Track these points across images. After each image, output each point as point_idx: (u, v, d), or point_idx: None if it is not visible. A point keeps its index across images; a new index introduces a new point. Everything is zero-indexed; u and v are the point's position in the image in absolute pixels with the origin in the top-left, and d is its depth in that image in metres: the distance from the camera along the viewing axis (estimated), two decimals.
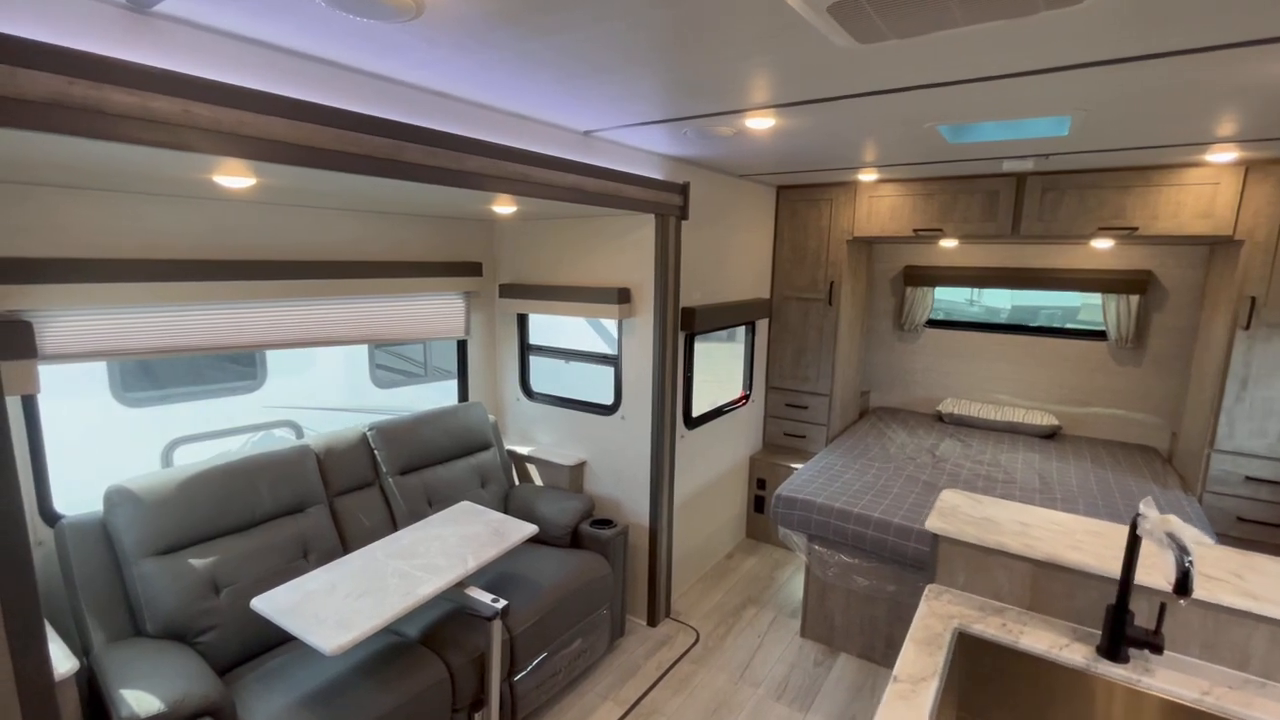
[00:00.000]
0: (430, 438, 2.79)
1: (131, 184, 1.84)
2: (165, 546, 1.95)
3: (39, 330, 1.89)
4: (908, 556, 2.54)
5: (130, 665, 1.71)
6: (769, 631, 3.04)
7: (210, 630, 1.94)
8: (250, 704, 1.79)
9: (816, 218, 3.73)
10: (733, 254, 3.45)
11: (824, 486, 2.94)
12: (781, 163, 2.96)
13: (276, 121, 1.37)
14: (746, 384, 3.89)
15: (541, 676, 2.38)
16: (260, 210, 2.34)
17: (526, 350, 3.37)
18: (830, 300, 3.74)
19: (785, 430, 4.05)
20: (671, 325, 2.88)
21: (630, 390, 2.98)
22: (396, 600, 1.84)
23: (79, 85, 1.08)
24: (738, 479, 3.88)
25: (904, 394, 4.42)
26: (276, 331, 2.46)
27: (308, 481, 2.33)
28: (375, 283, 2.70)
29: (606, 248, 2.95)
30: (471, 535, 2.26)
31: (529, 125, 2.10)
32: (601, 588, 2.64)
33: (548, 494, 2.96)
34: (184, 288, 2.12)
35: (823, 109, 1.93)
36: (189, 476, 2.05)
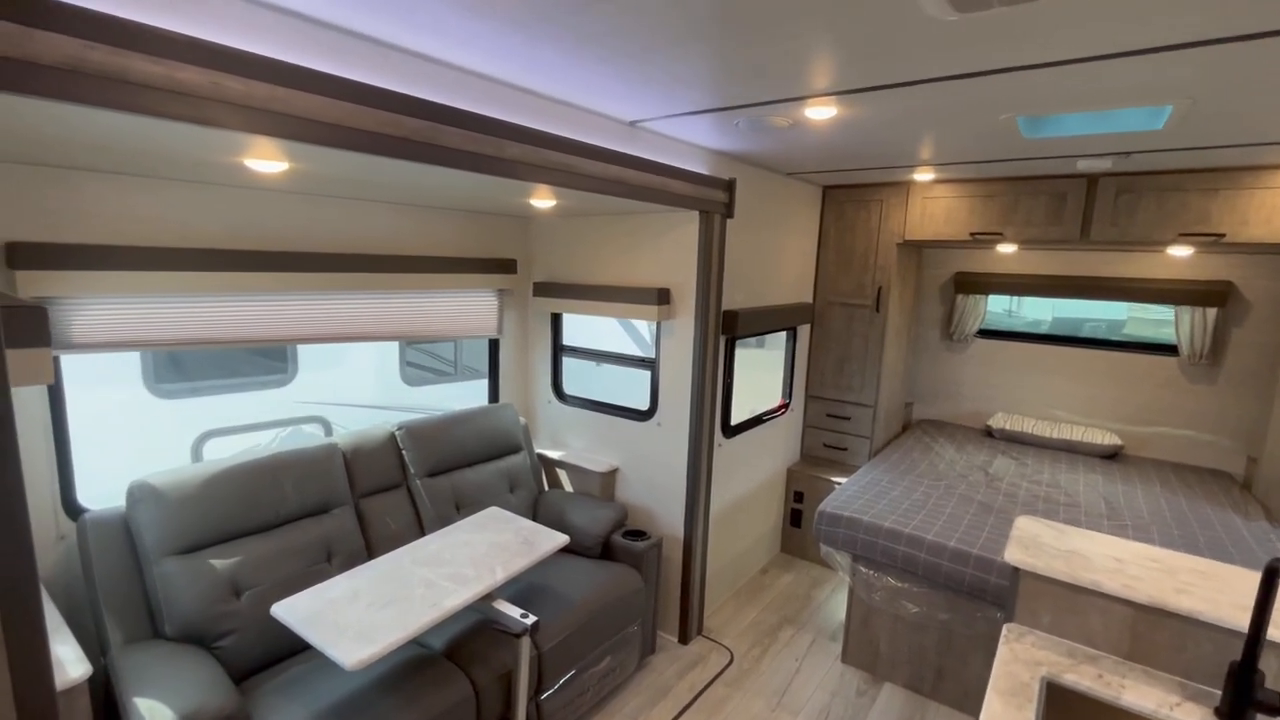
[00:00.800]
0: (460, 439, 2.69)
1: (162, 169, 1.78)
2: (187, 545, 1.87)
3: (67, 318, 1.84)
4: (964, 584, 2.35)
5: (146, 670, 1.64)
6: (808, 655, 2.87)
7: (230, 634, 1.86)
8: (267, 715, 1.69)
9: (865, 219, 3.56)
10: (776, 256, 3.30)
11: (871, 504, 2.77)
12: (832, 160, 2.80)
13: (311, 98, 1.27)
14: (786, 392, 3.73)
15: (569, 695, 2.26)
16: (293, 200, 2.27)
17: (560, 351, 3.26)
18: (877, 306, 3.55)
19: (825, 441, 3.87)
20: (713, 329, 2.74)
21: (667, 395, 2.85)
22: (421, 612, 1.74)
23: (99, 50, 1.00)
24: (774, 491, 3.72)
25: (951, 407, 4.20)
26: (307, 325, 2.40)
27: (334, 481, 2.25)
28: (408, 277, 2.62)
29: (646, 246, 2.82)
30: (501, 543, 2.15)
31: (574, 113, 1.99)
32: (633, 603, 2.51)
33: (579, 501, 2.84)
34: (215, 278, 2.06)
35: (893, 96, 1.78)
36: (213, 473, 1.98)
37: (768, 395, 3.69)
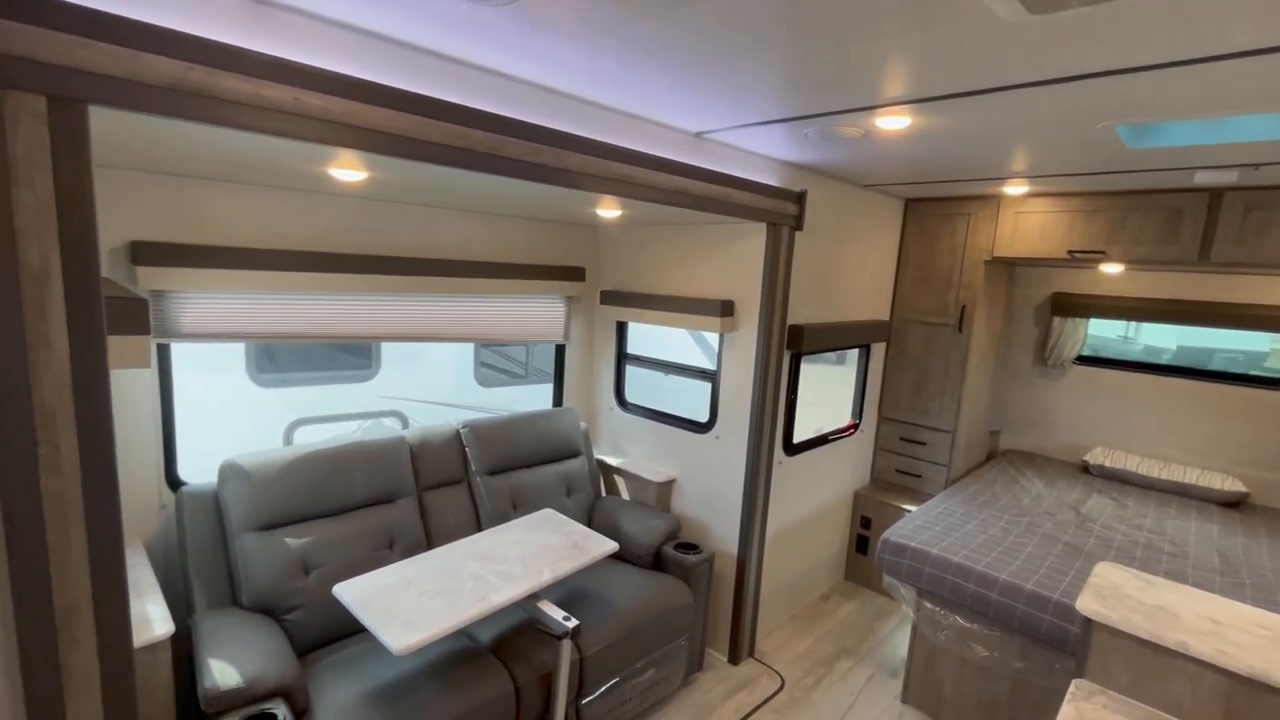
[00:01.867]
0: (521, 440, 2.77)
1: (259, 177, 1.95)
2: (265, 523, 2.03)
3: (178, 311, 2.05)
4: (1041, 631, 2.16)
5: (222, 634, 1.78)
6: (864, 690, 2.72)
7: (297, 610, 2.00)
8: (322, 690, 1.80)
9: (950, 234, 3.36)
10: (850, 270, 3.18)
11: (941, 536, 2.59)
12: (913, 171, 2.68)
13: (381, 112, 1.36)
14: (856, 412, 3.57)
15: (611, 703, 2.25)
16: (376, 207, 2.42)
17: (623, 359, 3.29)
18: (960, 326, 3.35)
19: (897, 466, 3.68)
20: (776, 343, 2.67)
21: (727, 408, 2.80)
22: (468, 606, 1.79)
23: (197, 71, 1.11)
24: (839, 515, 3.57)
25: (1042, 438, 3.87)
26: (387, 324, 2.54)
27: (400, 473, 2.37)
28: (480, 282, 2.73)
29: (712, 257, 2.80)
30: (551, 546, 2.19)
31: (637, 125, 2.01)
32: (681, 617, 2.48)
33: (633, 510, 2.85)
34: (306, 278, 2.23)
35: (970, 105, 1.67)
36: (293, 458, 2.14)
37: (836, 414, 3.55)
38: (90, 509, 1.09)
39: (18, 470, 1.02)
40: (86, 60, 1.01)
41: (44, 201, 0.99)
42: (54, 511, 1.06)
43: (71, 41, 0.99)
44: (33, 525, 1.04)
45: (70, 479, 1.07)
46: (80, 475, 1.08)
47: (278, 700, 1.62)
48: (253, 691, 1.60)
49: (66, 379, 1.04)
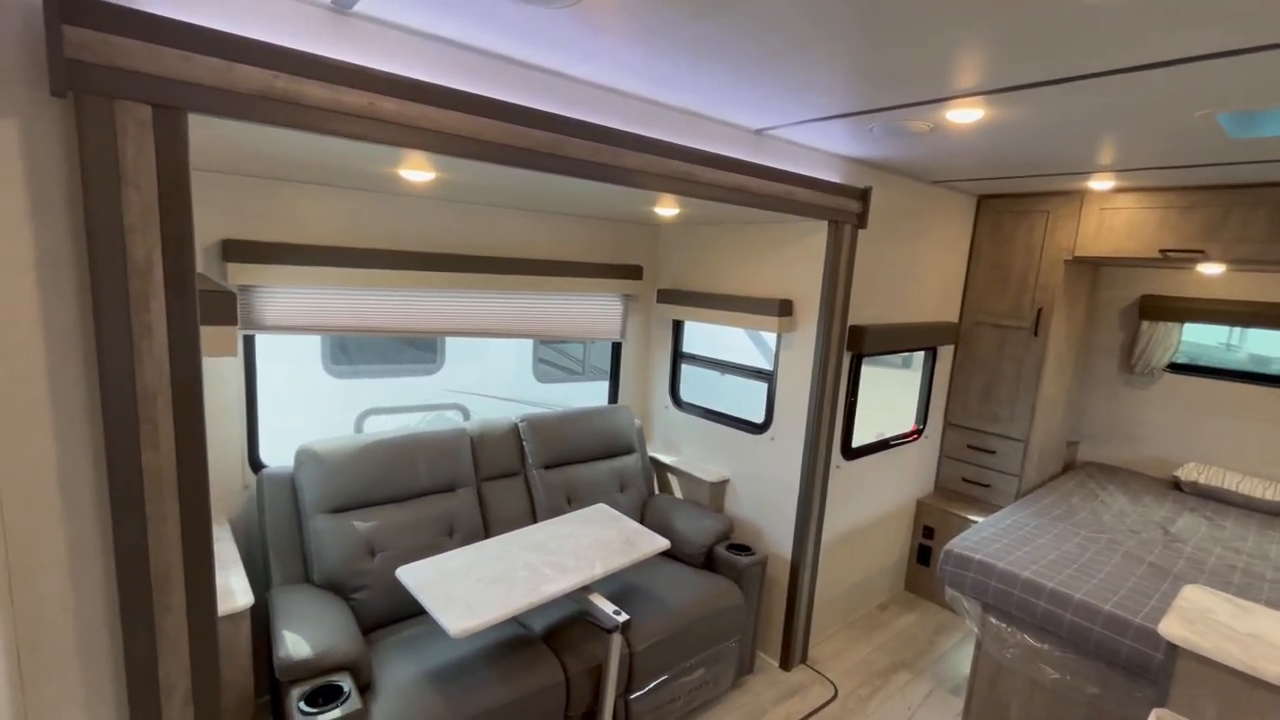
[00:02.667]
0: (576, 436, 2.81)
1: (336, 179, 2.06)
2: (336, 506, 2.15)
3: (262, 304, 2.19)
4: (1120, 656, 2.02)
5: (295, 608, 1.90)
6: (923, 705, 2.62)
7: (363, 590, 2.10)
8: (384, 667, 1.89)
9: (1026, 232, 3.19)
10: (916, 270, 3.07)
11: (1009, 549, 2.47)
12: (986, 166, 2.55)
13: (450, 114, 1.41)
14: (920, 417, 3.44)
15: (659, 700, 2.26)
16: (442, 207, 2.51)
17: (679, 358, 3.29)
18: (1036, 330, 3.17)
19: (964, 475, 3.52)
20: (836, 344, 2.61)
21: (783, 410, 2.76)
22: (522, 595, 1.84)
23: (282, 79, 1.18)
24: (900, 523, 3.45)
25: (1126, 450, 3.62)
26: (451, 319, 2.64)
27: (461, 464, 2.46)
28: (540, 280, 2.79)
29: (771, 256, 2.76)
30: (604, 540, 2.22)
31: (698, 123, 2.00)
32: (732, 618, 2.46)
33: (686, 509, 2.84)
34: (376, 274, 2.34)
35: (1053, 94, 1.58)
36: (362, 445, 2.25)
37: (899, 419, 3.43)
38: (183, 484, 1.19)
39: (123, 445, 1.12)
40: (187, 72, 1.09)
41: (149, 202, 1.09)
42: (153, 485, 1.15)
43: (174, 55, 1.07)
44: (134, 497, 1.14)
45: (167, 456, 1.16)
46: (175, 452, 1.17)
47: (344, 674, 1.71)
48: (321, 664, 1.69)
49: (165, 364, 1.14)
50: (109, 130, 1.04)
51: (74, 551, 1.16)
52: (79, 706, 1.19)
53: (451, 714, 1.75)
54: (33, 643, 1.14)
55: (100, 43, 1.01)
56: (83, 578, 1.17)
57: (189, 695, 1.25)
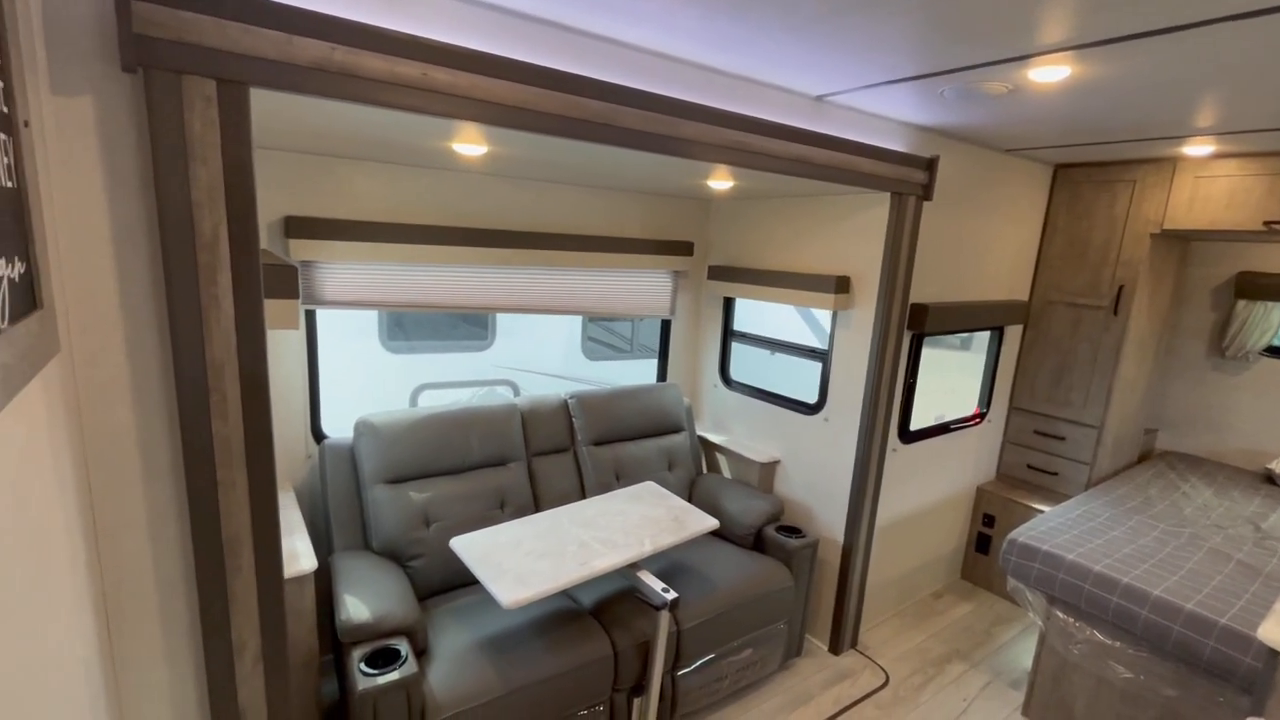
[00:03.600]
0: (625, 413, 2.81)
1: (392, 155, 2.08)
2: (393, 477, 2.21)
3: (322, 280, 2.25)
4: (1202, 658, 1.89)
5: (355, 574, 1.97)
6: (979, 698, 2.53)
7: (419, 558, 2.16)
8: (438, 633, 1.94)
9: (1108, 204, 2.96)
10: (984, 244, 2.90)
11: (1079, 541, 2.34)
12: (1067, 132, 2.37)
13: (502, 84, 1.38)
14: (984, 400, 3.28)
15: (706, 678, 2.26)
16: (494, 183, 2.51)
17: (729, 336, 3.23)
18: (1115, 309, 2.96)
19: (1030, 462, 3.35)
20: (896, 323, 2.50)
21: (837, 390, 2.67)
22: (572, 569, 1.85)
23: (339, 51, 1.18)
24: (958, 510, 3.32)
25: (1213, 440, 3.37)
26: (502, 296, 2.65)
27: (512, 439, 2.48)
28: (590, 256, 2.76)
29: (828, 230, 2.66)
30: (652, 518, 2.21)
31: (755, 89, 1.92)
32: (781, 600, 2.42)
33: (734, 489, 2.81)
34: (430, 250, 2.36)
35: (1151, 47, 1.44)
36: (417, 419, 2.30)
37: (961, 402, 3.29)
38: (250, 452, 1.23)
39: (195, 414, 1.16)
40: (249, 45, 1.10)
41: (214, 176, 1.11)
42: (222, 452, 1.20)
43: (236, 28, 1.08)
44: (206, 464, 1.19)
45: (235, 424, 1.20)
46: (243, 421, 1.21)
47: (401, 638, 1.77)
48: (379, 628, 1.75)
49: (232, 336, 1.17)
50: (176, 105, 1.06)
51: (153, 514, 1.22)
52: (160, 661, 1.27)
53: (503, 682, 1.79)
54: (119, 600, 1.21)
55: (167, 17, 1.02)
56: (161, 539, 1.23)
57: (259, 654, 1.30)
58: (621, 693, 2.06)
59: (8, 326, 0.68)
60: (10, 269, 0.71)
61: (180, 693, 1.29)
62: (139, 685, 1.25)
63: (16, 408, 0.76)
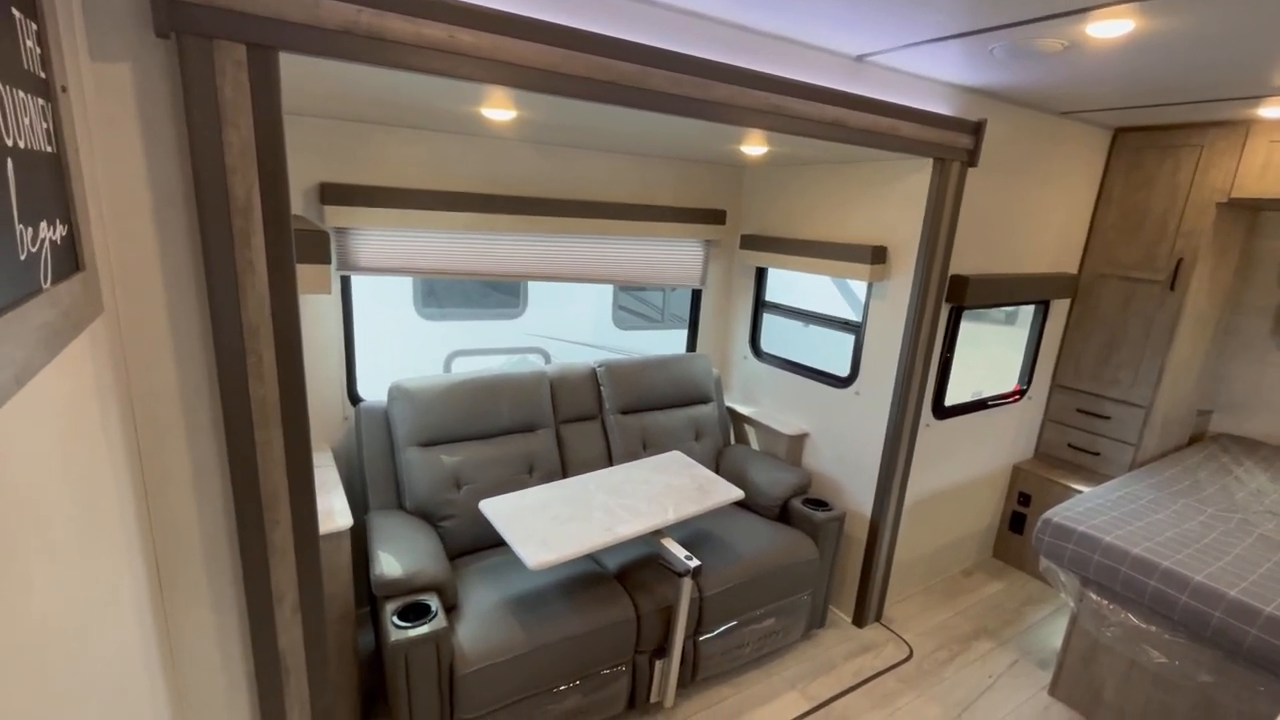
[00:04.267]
0: (653, 382, 2.81)
1: (423, 121, 2.07)
2: (425, 440, 2.27)
3: (357, 246, 2.28)
4: (1242, 646, 1.83)
5: (389, 531, 2.04)
6: (1005, 675, 2.51)
7: (450, 519, 2.23)
8: (468, 590, 2.01)
9: (1171, 171, 2.79)
10: (1032, 214, 2.77)
11: (1118, 522, 2.27)
12: (1129, 92, 2.22)
13: (529, 46, 1.36)
14: (1025, 377, 3.18)
15: (728, 644, 2.29)
16: (526, 150, 2.49)
17: (761, 307, 3.18)
18: (1173, 284, 2.80)
19: (1071, 441, 3.25)
20: (934, 295, 2.42)
21: (870, 363, 2.62)
22: (596, 534, 1.89)
23: (366, 14, 1.18)
24: (993, 487, 3.25)
25: (1273, 424, 3.20)
26: (533, 264, 2.66)
27: (540, 405, 2.52)
28: (621, 224, 2.74)
29: (865, 198, 2.57)
30: (677, 486, 2.22)
31: (791, 49, 1.85)
32: (805, 571, 2.43)
33: (762, 460, 2.80)
34: (462, 217, 2.37)
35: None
36: (449, 384, 2.34)
37: (1000, 377, 3.19)
38: (286, 411, 1.27)
39: (233, 375, 1.20)
40: (277, 9, 1.10)
41: (246, 141, 1.12)
42: (259, 412, 1.24)
43: None
44: (245, 423, 1.23)
45: (270, 386, 1.24)
46: (278, 382, 1.25)
47: (432, 594, 1.84)
48: (411, 584, 1.82)
49: (266, 299, 1.20)
50: (208, 70, 1.07)
51: (197, 469, 1.28)
52: (207, 608, 1.34)
53: (528, 639, 1.85)
54: (167, 549, 1.28)
55: None
56: (205, 495, 1.29)
57: (297, 604, 1.37)
58: (644, 654, 2.11)
59: (50, 286, 0.71)
60: (52, 231, 0.74)
61: (226, 636, 1.37)
62: (189, 628, 1.34)
63: (62, 364, 0.79)
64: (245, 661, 1.40)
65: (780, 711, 2.25)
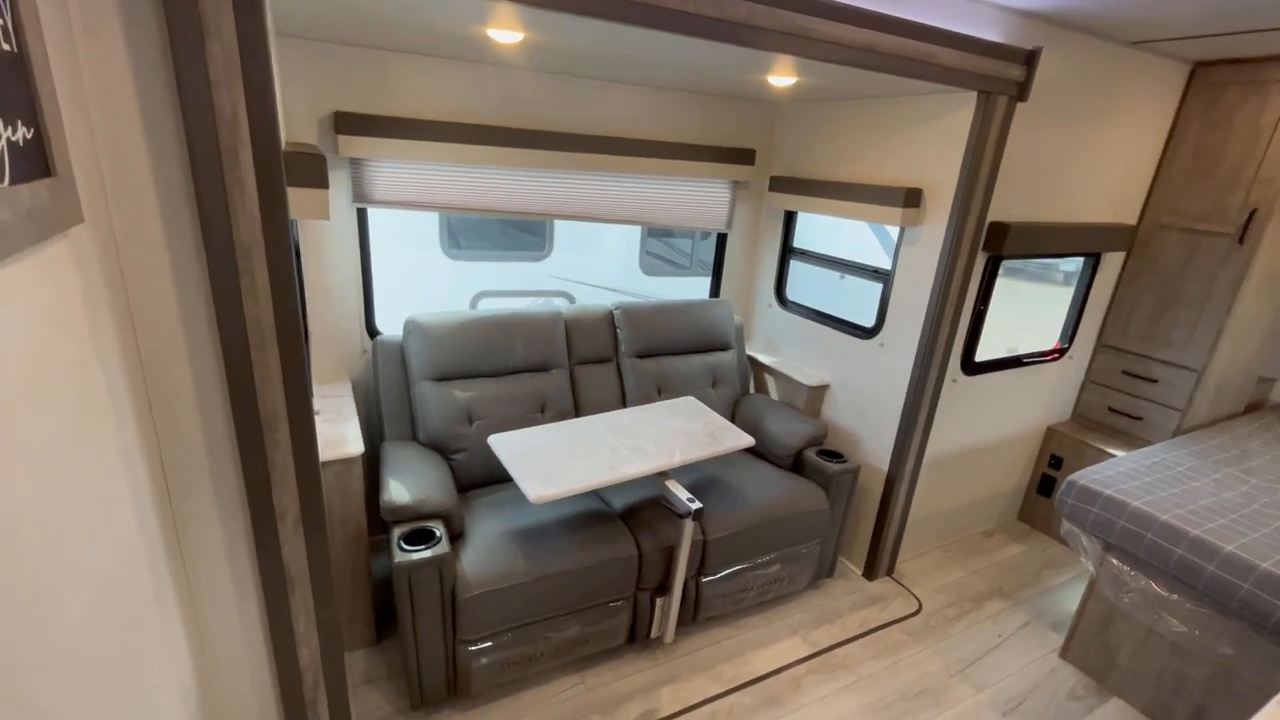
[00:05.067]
0: (671, 327, 2.76)
1: (433, 45, 2.00)
2: (438, 375, 2.29)
3: (372, 178, 2.27)
4: (1270, 620, 1.74)
5: (401, 461, 2.10)
6: (1015, 636, 2.48)
7: (461, 452, 2.27)
8: (475, 520, 2.07)
9: (1255, 111, 2.51)
10: (1089, 157, 2.55)
11: (1149, 488, 2.16)
12: (1216, 15, 1.98)
13: None
14: (1067, 335, 3.01)
15: (732, 588, 2.31)
16: (546, 81, 2.41)
17: (788, 253, 3.07)
18: (1242, 237, 2.57)
19: (1112, 404, 3.08)
20: (969, 242, 2.28)
21: (897, 314, 2.51)
22: (600, 472, 1.90)
23: None
24: (1023, 449, 3.13)
25: None
26: (552, 201, 2.61)
27: (555, 345, 2.51)
28: (645, 162, 2.64)
29: (902, 138, 2.41)
30: (687, 431, 2.21)
31: None
32: (813, 521, 2.41)
33: (779, 410, 2.75)
34: (481, 151, 2.32)
35: None
36: (463, 320, 2.35)
37: (1039, 334, 3.03)
38: (281, 333, 1.28)
39: (228, 297, 1.21)
40: None
41: (230, 54, 1.10)
42: (255, 334, 1.26)
43: None
44: (241, 344, 1.25)
45: (265, 308, 1.25)
46: (273, 305, 1.26)
47: (438, 521, 1.89)
48: (418, 510, 1.88)
49: (257, 219, 1.19)
50: None
51: (199, 386, 1.31)
52: (215, 520, 1.40)
53: (530, 569, 1.89)
54: (175, 461, 1.33)
55: None
56: (208, 409, 1.33)
57: (299, 519, 1.42)
58: (645, 592, 2.14)
59: (8, 185, 0.70)
60: (11, 131, 0.73)
61: (233, 549, 1.44)
62: (198, 541, 1.40)
63: (32, 268, 0.80)
64: (253, 571, 1.47)
65: (779, 655, 2.28)
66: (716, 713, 2.03)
